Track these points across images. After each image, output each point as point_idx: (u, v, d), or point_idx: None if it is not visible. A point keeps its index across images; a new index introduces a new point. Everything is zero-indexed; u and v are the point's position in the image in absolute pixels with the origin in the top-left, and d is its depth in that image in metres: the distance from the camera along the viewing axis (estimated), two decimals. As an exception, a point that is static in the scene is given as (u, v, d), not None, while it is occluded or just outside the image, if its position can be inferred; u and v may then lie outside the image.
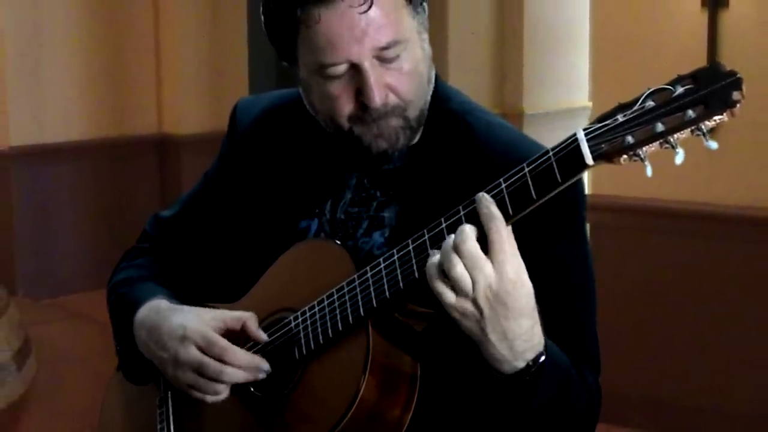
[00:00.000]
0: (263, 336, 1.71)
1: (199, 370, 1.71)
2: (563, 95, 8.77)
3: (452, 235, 1.48)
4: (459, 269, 1.46)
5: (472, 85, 8.22)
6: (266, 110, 1.91)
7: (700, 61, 4.41)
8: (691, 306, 4.67)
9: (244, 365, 1.69)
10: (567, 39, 8.74)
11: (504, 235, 1.46)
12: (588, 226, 5.06)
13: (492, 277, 1.46)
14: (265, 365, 1.70)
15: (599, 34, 4.94)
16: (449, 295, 1.48)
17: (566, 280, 1.70)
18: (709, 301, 4.62)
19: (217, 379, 1.70)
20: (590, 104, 6.45)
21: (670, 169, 1.44)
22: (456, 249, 1.46)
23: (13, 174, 6.89)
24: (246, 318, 1.72)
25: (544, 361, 1.53)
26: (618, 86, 4.65)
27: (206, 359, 1.70)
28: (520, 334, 1.50)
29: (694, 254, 4.64)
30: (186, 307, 1.80)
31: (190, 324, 1.74)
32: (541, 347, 1.53)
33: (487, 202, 1.47)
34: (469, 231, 1.47)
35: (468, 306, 1.47)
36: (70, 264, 7.11)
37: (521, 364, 1.52)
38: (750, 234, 4.50)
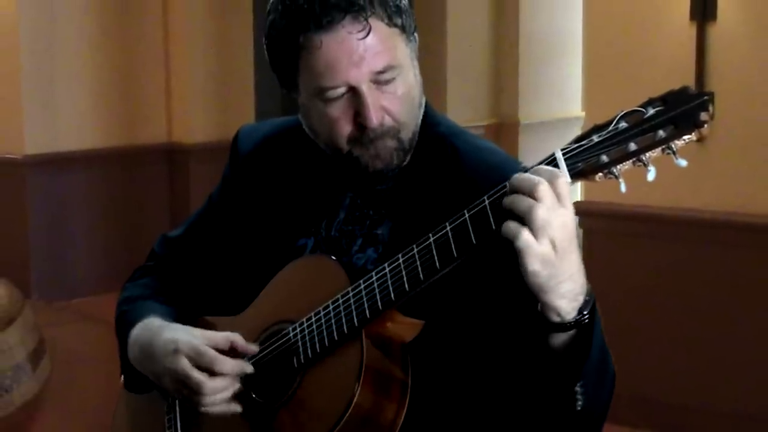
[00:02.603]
0: (254, 348, 1.75)
1: (184, 382, 1.74)
2: (558, 105, 8.77)
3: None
4: (546, 205, 1.43)
5: (470, 96, 8.23)
6: (266, 137, 1.94)
7: (689, 71, 4.42)
8: (680, 308, 4.67)
9: (231, 373, 1.72)
10: (561, 51, 8.74)
11: (568, 185, 1.45)
12: (581, 232, 5.07)
13: (567, 213, 1.45)
14: (249, 368, 1.73)
15: (592, 46, 4.95)
16: (533, 245, 1.44)
17: None
18: (696, 304, 4.63)
19: (197, 392, 1.72)
20: (583, 114, 6.47)
21: (659, 177, 1.45)
22: (533, 195, 1.43)
23: (28, 181, 6.90)
24: (233, 338, 1.75)
25: (593, 296, 1.52)
26: (610, 96, 4.65)
27: (191, 372, 1.72)
28: (579, 264, 1.50)
29: (682, 258, 4.64)
30: (176, 325, 1.84)
31: (181, 338, 1.76)
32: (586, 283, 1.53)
33: (525, 176, 1.45)
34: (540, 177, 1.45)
35: (547, 248, 1.44)
36: (83, 268, 7.12)
37: (581, 298, 1.50)
38: (735, 239, 4.51)
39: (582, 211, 4.85)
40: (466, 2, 8.09)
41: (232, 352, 1.75)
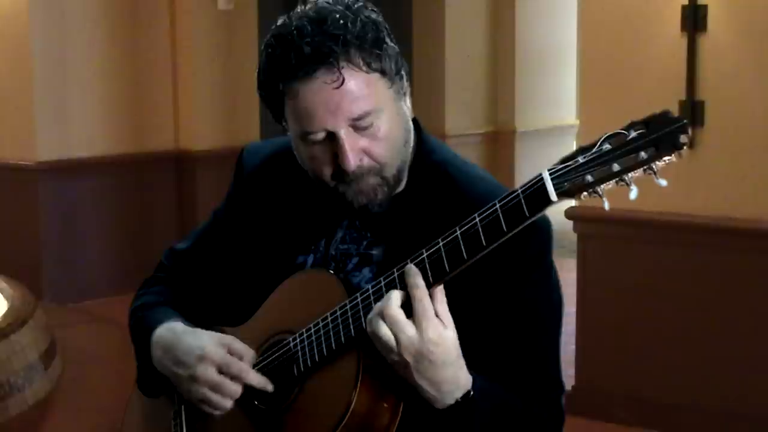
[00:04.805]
0: (247, 367, 1.78)
1: (216, 389, 1.76)
2: (553, 114, 8.79)
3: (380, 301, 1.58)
4: (384, 331, 1.56)
5: (468, 105, 8.24)
6: (270, 155, 1.95)
7: (681, 80, 4.42)
8: (672, 309, 4.68)
9: (257, 384, 1.76)
10: (556, 61, 8.76)
11: (426, 303, 1.56)
12: (576, 237, 5.07)
13: (414, 338, 1.56)
14: (270, 386, 1.76)
15: (586, 56, 4.95)
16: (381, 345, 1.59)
17: (533, 315, 1.75)
18: (688, 305, 4.63)
19: (232, 397, 1.76)
20: (577, 122, 6.46)
21: (653, 183, 1.46)
22: (381, 314, 1.56)
23: (40, 187, 6.91)
24: (244, 354, 1.78)
25: (473, 396, 1.61)
26: (604, 105, 4.66)
27: (224, 380, 1.76)
28: (446, 378, 1.59)
29: (674, 262, 4.64)
30: (200, 330, 1.85)
31: (208, 345, 1.79)
32: (469, 385, 1.61)
33: (413, 273, 1.56)
34: (394, 297, 1.57)
35: (395, 358, 1.57)
36: (93, 271, 7.12)
37: (450, 401, 1.61)
38: (726, 243, 4.51)
39: (578, 216, 4.86)
40: (465, 15, 8.11)
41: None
